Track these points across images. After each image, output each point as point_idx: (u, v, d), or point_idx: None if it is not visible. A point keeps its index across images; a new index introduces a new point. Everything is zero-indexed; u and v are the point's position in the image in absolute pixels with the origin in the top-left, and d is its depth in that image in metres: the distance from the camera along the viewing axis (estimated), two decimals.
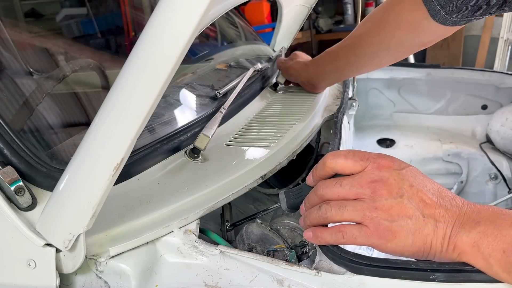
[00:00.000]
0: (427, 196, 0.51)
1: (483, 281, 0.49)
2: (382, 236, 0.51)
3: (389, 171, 0.53)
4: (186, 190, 0.66)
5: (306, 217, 0.57)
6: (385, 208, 0.51)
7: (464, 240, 0.48)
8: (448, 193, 0.53)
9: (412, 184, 0.52)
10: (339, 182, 0.54)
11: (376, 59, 0.99)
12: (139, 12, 1.79)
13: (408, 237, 0.50)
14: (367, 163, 0.54)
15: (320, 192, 0.55)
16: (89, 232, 0.54)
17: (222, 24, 1.37)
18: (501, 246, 0.46)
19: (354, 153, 0.55)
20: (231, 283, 0.57)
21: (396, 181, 0.52)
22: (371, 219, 0.51)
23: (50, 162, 0.60)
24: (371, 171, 0.53)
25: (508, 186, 1.29)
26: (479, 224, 0.48)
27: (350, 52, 1.00)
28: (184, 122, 0.80)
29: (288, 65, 1.16)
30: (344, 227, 0.53)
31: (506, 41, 2.89)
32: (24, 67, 1.06)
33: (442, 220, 0.50)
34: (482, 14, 0.79)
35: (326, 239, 0.55)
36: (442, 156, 1.40)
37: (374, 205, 0.51)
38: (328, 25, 3.79)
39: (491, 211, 0.49)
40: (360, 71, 1.11)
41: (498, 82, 1.36)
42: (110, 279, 0.58)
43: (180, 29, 0.42)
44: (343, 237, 0.53)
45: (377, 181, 0.52)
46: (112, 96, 0.47)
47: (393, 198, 0.51)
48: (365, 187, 0.52)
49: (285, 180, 1.13)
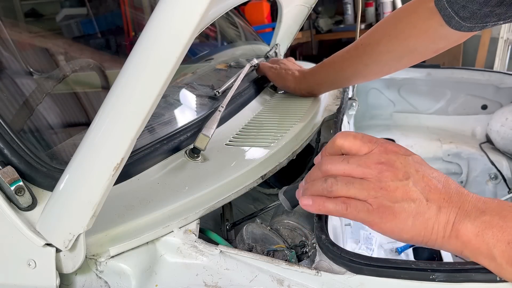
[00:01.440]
0: (432, 182, 0.51)
1: (483, 281, 0.49)
2: (383, 216, 0.51)
3: (396, 155, 0.53)
4: (186, 190, 0.66)
5: (307, 188, 0.57)
6: (390, 189, 0.51)
7: (469, 228, 0.48)
8: (454, 183, 0.53)
9: (418, 169, 0.52)
10: (346, 159, 0.54)
11: (386, 67, 0.98)
12: (139, 12, 1.79)
13: (408, 219, 0.50)
14: (375, 145, 0.54)
15: (325, 167, 0.55)
16: (89, 232, 0.54)
17: (222, 24, 1.37)
18: (506, 238, 0.46)
19: (363, 135, 0.56)
20: (231, 283, 0.57)
21: (402, 164, 0.52)
22: (375, 198, 0.51)
23: (50, 162, 0.60)
24: (379, 153, 0.54)
25: (508, 186, 1.29)
26: (484, 214, 0.48)
27: (358, 61, 0.98)
28: (184, 122, 0.80)
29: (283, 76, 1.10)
30: (349, 200, 0.53)
31: (506, 41, 2.89)
32: (24, 67, 1.06)
33: (446, 205, 0.50)
34: (496, 20, 0.79)
35: (329, 208, 0.54)
36: (442, 156, 1.40)
37: (379, 185, 0.51)
38: (328, 25, 3.79)
39: (496, 203, 0.49)
40: (367, 78, 1.08)
41: (498, 82, 1.36)
42: (110, 279, 0.58)
43: (180, 29, 0.42)
44: (346, 209, 0.53)
45: (384, 163, 0.52)
46: (112, 96, 0.47)
47: (399, 180, 0.51)
48: (372, 167, 0.53)
49: (285, 180, 1.13)
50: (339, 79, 1.04)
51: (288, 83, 1.10)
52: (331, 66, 1.04)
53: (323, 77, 1.05)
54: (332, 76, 1.04)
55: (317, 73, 1.06)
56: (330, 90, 1.12)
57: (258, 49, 1.31)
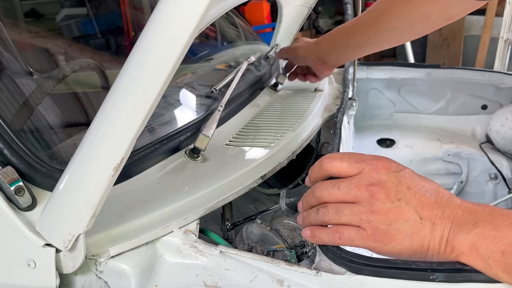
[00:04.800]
0: (425, 198, 0.51)
1: (482, 281, 0.49)
2: (379, 240, 0.51)
3: (387, 173, 0.52)
4: (186, 190, 0.66)
5: (304, 218, 0.57)
6: (383, 211, 0.51)
7: (462, 241, 0.48)
8: (445, 193, 0.52)
9: (409, 186, 0.52)
10: (337, 185, 0.54)
11: (398, 34, 0.96)
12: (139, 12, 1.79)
13: (405, 240, 0.50)
14: (364, 165, 0.53)
15: (318, 194, 0.55)
16: (89, 232, 0.54)
17: (222, 24, 1.37)
18: (499, 248, 0.46)
19: (349, 155, 0.55)
20: (231, 283, 0.57)
21: (394, 183, 0.52)
22: (368, 222, 0.51)
23: (50, 162, 0.60)
24: (369, 174, 0.53)
25: (508, 186, 1.29)
26: (477, 226, 0.48)
27: (369, 28, 0.95)
28: (184, 122, 0.80)
29: (295, 45, 1.11)
30: (342, 228, 0.53)
31: (506, 41, 2.88)
32: (24, 67, 1.06)
33: (439, 222, 0.50)
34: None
35: (323, 239, 0.55)
36: (442, 156, 1.40)
37: (371, 208, 0.51)
38: (328, 25, 3.79)
39: (488, 211, 0.49)
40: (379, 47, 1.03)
41: (498, 82, 1.36)
42: (110, 279, 0.58)
43: (179, 29, 0.42)
44: (340, 238, 0.53)
45: (374, 184, 0.52)
46: (112, 96, 0.47)
47: (391, 201, 0.51)
48: (362, 190, 0.52)
49: (285, 180, 1.13)
50: (351, 47, 1.01)
51: (299, 50, 1.09)
52: (343, 33, 1.02)
53: (335, 43, 1.03)
54: (344, 43, 1.01)
55: (329, 40, 1.04)
56: (340, 59, 1.08)
57: (258, 49, 1.31)
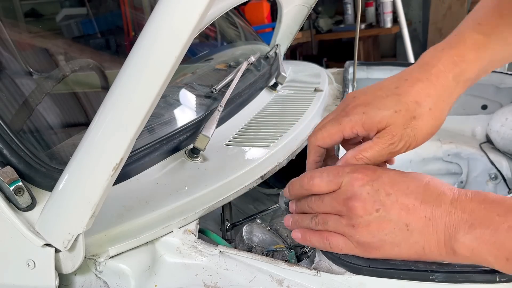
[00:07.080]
0: (409, 202, 0.49)
1: (482, 281, 0.49)
2: (365, 251, 0.51)
3: (362, 184, 0.51)
4: (186, 190, 0.66)
5: (298, 221, 0.57)
6: (363, 225, 0.50)
7: (461, 246, 0.46)
8: (436, 189, 0.49)
9: (389, 192, 0.49)
10: (321, 199, 0.54)
11: None
12: (139, 12, 1.79)
13: (393, 249, 0.50)
14: (341, 179, 0.52)
15: (310, 204, 0.56)
16: (89, 232, 0.54)
17: (222, 24, 1.37)
18: (503, 254, 0.45)
19: (328, 172, 0.54)
20: (230, 283, 0.57)
21: (370, 194, 0.50)
22: (351, 236, 0.51)
23: (49, 162, 0.60)
24: (346, 188, 0.51)
25: (508, 186, 1.28)
26: (473, 227, 0.46)
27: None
28: (184, 122, 0.80)
29: None
30: (331, 236, 0.53)
31: None
32: (24, 67, 1.06)
33: (430, 224, 0.48)
34: None
35: (314, 244, 0.55)
36: (442, 156, 1.40)
37: (351, 223, 0.50)
38: (328, 25, 3.79)
39: (483, 209, 0.46)
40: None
41: (498, 82, 1.36)
42: (110, 279, 0.58)
43: (179, 29, 0.42)
44: (329, 246, 0.53)
45: (350, 198, 0.51)
46: (111, 96, 0.47)
47: (369, 214, 0.49)
48: (341, 205, 0.51)
49: (284, 180, 1.12)
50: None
51: None
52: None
53: None
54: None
55: None
56: None
57: (258, 49, 1.30)
